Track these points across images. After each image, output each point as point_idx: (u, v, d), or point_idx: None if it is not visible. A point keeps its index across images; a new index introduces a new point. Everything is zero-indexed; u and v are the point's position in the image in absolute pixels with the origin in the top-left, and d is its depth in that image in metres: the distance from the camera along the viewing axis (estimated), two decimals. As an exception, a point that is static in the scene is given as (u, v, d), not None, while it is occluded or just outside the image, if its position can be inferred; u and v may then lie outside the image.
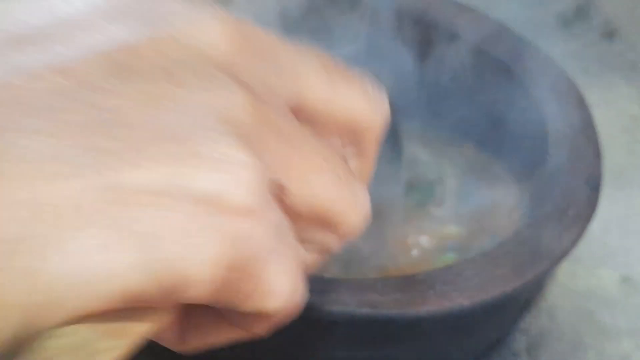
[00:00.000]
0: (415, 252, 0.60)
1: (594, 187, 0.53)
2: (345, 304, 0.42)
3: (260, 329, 0.24)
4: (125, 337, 0.19)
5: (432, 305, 0.43)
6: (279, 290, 0.22)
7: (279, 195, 0.21)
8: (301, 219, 0.22)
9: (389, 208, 0.61)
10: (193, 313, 0.24)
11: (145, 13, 0.21)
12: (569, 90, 0.60)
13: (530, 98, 0.60)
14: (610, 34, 0.97)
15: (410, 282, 0.44)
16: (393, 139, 0.60)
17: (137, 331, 0.19)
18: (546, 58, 0.63)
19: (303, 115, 0.23)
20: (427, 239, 0.61)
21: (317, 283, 0.43)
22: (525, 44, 0.65)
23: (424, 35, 0.67)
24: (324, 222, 0.22)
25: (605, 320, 0.64)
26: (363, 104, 0.24)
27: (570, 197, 0.51)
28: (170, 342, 0.24)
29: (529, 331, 0.62)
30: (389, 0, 0.67)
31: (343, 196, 0.22)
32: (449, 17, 0.67)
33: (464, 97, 0.68)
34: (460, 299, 0.44)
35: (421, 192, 0.64)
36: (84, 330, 0.18)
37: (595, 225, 0.70)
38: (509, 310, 0.56)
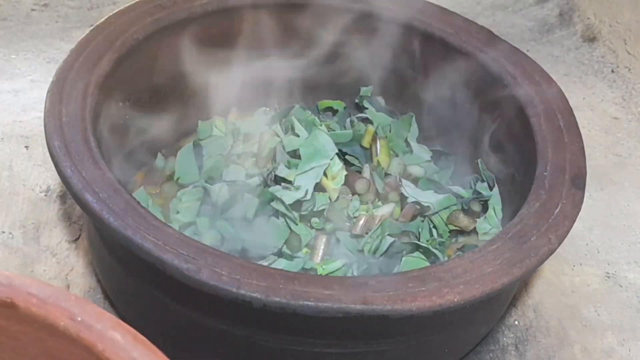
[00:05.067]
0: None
1: (579, 186, 0.54)
2: (339, 300, 0.43)
3: None
4: None
5: (423, 301, 0.44)
6: None
7: None
8: None
9: None
10: None
11: None
12: (553, 94, 0.62)
13: (516, 101, 0.62)
14: (591, 39, 0.99)
15: (403, 279, 0.46)
16: None
17: None
18: (530, 62, 0.65)
19: None
20: None
21: (311, 280, 0.44)
22: (511, 48, 0.66)
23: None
24: None
25: (589, 316, 0.65)
26: None
27: (555, 197, 0.53)
28: None
29: (517, 327, 0.63)
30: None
31: None
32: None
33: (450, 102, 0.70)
34: (450, 295, 0.45)
35: None
36: None
37: (580, 224, 0.72)
38: (498, 306, 0.58)
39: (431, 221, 0.66)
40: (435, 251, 0.61)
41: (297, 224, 0.61)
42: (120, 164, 0.60)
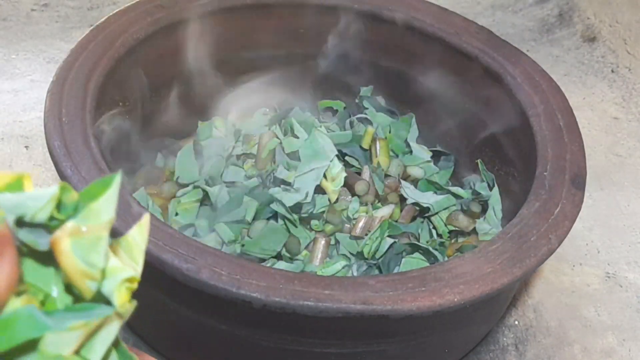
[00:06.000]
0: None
1: (579, 186, 0.54)
2: (339, 300, 0.43)
3: None
4: None
5: (423, 301, 0.44)
6: None
7: None
8: None
9: None
10: None
11: None
12: (553, 94, 0.62)
13: (515, 101, 0.62)
14: (591, 39, 0.99)
15: (403, 279, 0.46)
16: None
17: None
18: (530, 62, 0.65)
19: None
20: None
21: (311, 280, 0.44)
22: (511, 48, 0.66)
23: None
24: None
25: (590, 316, 0.65)
26: None
27: (555, 197, 0.53)
28: None
29: (517, 327, 0.63)
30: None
31: None
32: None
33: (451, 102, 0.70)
34: (450, 295, 0.45)
35: None
36: None
37: (580, 224, 0.72)
38: (498, 306, 0.58)
39: (431, 222, 0.66)
40: (435, 252, 0.61)
41: (296, 227, 0.61)
42: (120, 164, 0.60)
